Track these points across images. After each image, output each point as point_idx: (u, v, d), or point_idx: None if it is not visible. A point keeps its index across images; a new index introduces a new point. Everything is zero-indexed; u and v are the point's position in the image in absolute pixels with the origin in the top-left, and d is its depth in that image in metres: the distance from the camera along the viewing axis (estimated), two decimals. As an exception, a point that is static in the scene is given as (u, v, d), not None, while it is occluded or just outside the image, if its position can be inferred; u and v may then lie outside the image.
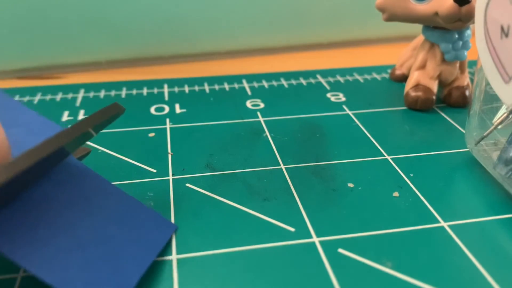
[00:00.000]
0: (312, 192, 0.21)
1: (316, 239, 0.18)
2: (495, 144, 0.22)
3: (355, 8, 0.41)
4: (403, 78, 0.33)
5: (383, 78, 0.34)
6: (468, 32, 0.28)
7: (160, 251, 0.17)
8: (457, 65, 0.28)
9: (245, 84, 0.33)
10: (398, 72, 0.33)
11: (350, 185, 0.21)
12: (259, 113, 0.28)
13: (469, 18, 0.25)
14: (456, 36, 0.27)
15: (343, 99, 0.30)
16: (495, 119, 0.21)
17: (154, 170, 0.22)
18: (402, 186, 0.21)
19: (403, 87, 0.30)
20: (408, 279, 0.16)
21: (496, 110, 0.21)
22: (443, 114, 0.28)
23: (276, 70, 0.36)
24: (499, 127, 0.21)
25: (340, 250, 0.17)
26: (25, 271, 0.16)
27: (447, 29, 0.27)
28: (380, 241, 0.18)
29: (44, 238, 0.14)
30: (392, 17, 0.27)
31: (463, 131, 0.25)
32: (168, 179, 0.22)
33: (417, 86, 0.28)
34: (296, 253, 0.17)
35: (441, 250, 0.17)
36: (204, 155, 0.24)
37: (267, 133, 0.26)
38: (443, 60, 0.28)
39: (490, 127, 0.21)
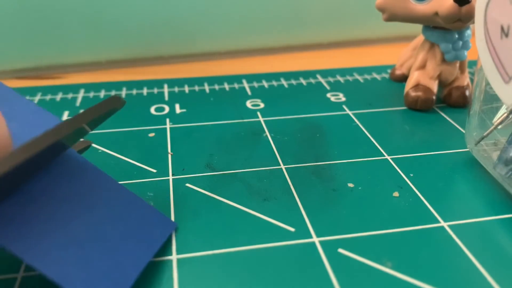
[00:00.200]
0: (312, 192, 0.21)
1: (316, 239, 0.18)
2: (495, 144, 0.22)
3: (355, 8, 0.41)
4: (403, 78, 0.33)
5: (383, 78, 0.34)
6: (468, 32, 0.28)
7: (160, 249, 0.17)
8: (457, 65, 0.28)
9: (245, 84, 0.33)
10: (398, 72, 0.33)
11: (350, 185, 0.21)
12: (259, 113, 0.28)
13: (469, 18, 0.25)
14: (456, 36, 0.27)
15: (343, 99, 0.30)
16: (495, 119, 0.21)
17: (154, 170, 0.22)
18: (402, 186, 0.21)
19: (403, 87, 0.30)
20: (408, 279, 0.16)
21: (496, 110, 0.21)
22: (443, 114, 0.28)
23: (276, 70, 0.36)
24: (499, 127, 0.21)
25: (340, 250, 0.17)
26: (25, 271, 0.16)
27: (447, 29, 0.27)
28: (380, 241, 0.18)
29: (42, 232, 0.14)
30: (392, 17, 0.27)
31: (463, 131, 0.25)
32: (168, 179, 0.22)
33: (417, 86, 0.28)
34: (296, 253, 0.17)
35: (441, 250, 0.17)
36: (204, 155, 0.24)
37: (267, 133, 0.26)
38: (443, 60, 0.28)
39: (490, 127, 0.21)
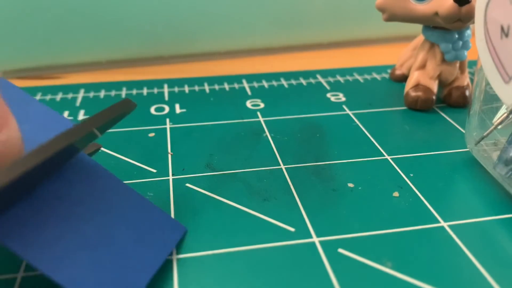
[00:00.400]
0: (312, 192, 0.21)
1: (316, 239, 0.18)
2: (495, 144, 0.22)
3: (355, 8, 0.41)
4: (403, 78, 0.33)
5: (383, 78, 0.34)
6: (468, 32, 0.28)
7: (170, 254, 0.17)
8: (457, 65, 0.28)
9: (245, 84, 0.33)
10: (398, 72, 0.33)
11: (350, 185, 0.21)
12: (259, 113, 0.28)
13: (469, 18, 0.25)
14: (456, 36, 0.27)
15: (343, 99, 0.30)
16: (495, 119, 0.21)
17: (154, 170, 0.22)
18: (402, 186, 0.21)
19: (403, 87, 0.30)
20: (408, 279, 0.16)
21: (496, 110, 0.21)
22: (443, 114, 0.28)
23: (276, 70, 0.36)
24: (499, 127, 0.21)
25: (340, 250, 0.17)
26: (25, 271, 0.16)
27: (447, 29, 0.27)
28: (380, 241, 0.18)
29: (54, 237, 0.14)
30: (392, 17, 0.27)
31: (463, 131, 0.25)
32: (168, 179, 0.22)
33: (417, 86, 0.28)
34: (296, 253, 0.17)
35: (441, 250, 0.17)
36: (204, 155, 0.24)
37: (267, 133, 0.26)
38: (443, 60, 0.28)
39: (490, 127, 0.21)
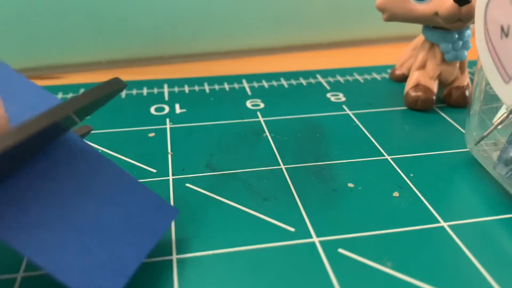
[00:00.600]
0: (312, 192, 0.21)
1: (316, 239, 0.18)
2: (495, 144, 0.22)
3: (355, 8, 0.41)
4: (403, 78, 0.33)
5: (383, 78, 0.34)
6: (468, 32, 0.28)
7: (161, 237, 0.16)
8: (457, 65, 0.28)
9: (245, 84, 0.33)
10: (398, 72, 0.33)
11: (350, 185, 0.21)
12: (259, 113, 0.28)
13: (469, 18, 0.25)
14: (456, 36, 0.27)
15: (343, 99, 0.30)
16: (495, 119, 0.21)
17: (154, 170, 0.22)
18: (402, 186, 0.21)
19: (403, 87, 0.30)
20: (408, 279, 0.16)
21: (496, 110, 0.21)
22: (443, 114, 0.28)
23: (276, 70, 0.36)
24: (499, 127, 0.21)
25: (340, 250, 0.17)
26: (25, 271, 0.16)
27: (447, 29, 0.27)
28: (380, 241, 0.18)
29: (38, 219, 0.14)
30: (392, 17, 0.27)
31: (463, 131, 0.25)
32: (168, 179, 0.22)
33: (417, 86, 0.28)
34: (296, 253, 0.17)
35: (441, 250, 0.17)
36: (204, 155, 0.24)
37: (267, 133, 0.26)
38: (443, 60, 0.28)
39: (490, 127, 0.21)
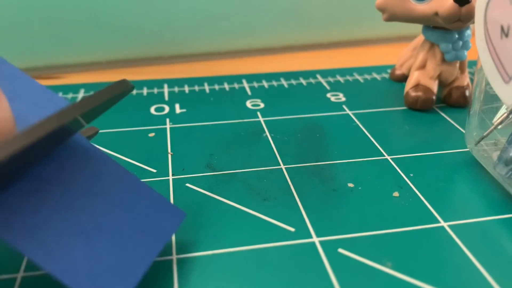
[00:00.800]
0: (312, 192, 0.21)
1: (316, 239, 0.18)
2: (495, 144, 0.22)
3: (355, 8, 0.41)
4: (403, 78, 0.33)
5: (383, 78, 0.34)
6: (468, 32, 0.28)
7: (168, 240, 0.16)
8: (457, 65, 0.28)
9: (245, 84, 0.33)
10: (398, 72, 0.33)
11: (350, 185, 0.21)
12: (259, 113, 0.28)
13: (469, 18, 0.25)
14: (456, 36, 0.27)
15: (343, 99, 0.30)
16: (495, 119, 0.21)
17: (154, 170, 0.22)
18: (402, 186, 0.21)
19: (403, 87, 0.30)
20: (408, 279, 0.16)
21: (496, 110, 0.21)
22: (443, 114, 0.28)
23: (276, 70, 0.36)
24: (499, 127, 0.21)
25: (340, 250, 0.17)
26: (25, 271, 0.16)
27: (447, 29, 0.27)
28: (380, 241, 0.18)
29: (45, 223, 0.13)
30: (392, 17, 0.27)
31: (463, 131, 0.25)
32: (168, 179, 0.22)
33: (417, 86, 0.28)
34: (296, 253, 0.17)
35: (441, 250, 0.17)
36: (204, 155, 0.24)
37: (267, 133, 0.26)
38: (443, 60, 0.28)
39: (490, 127, 0.21)
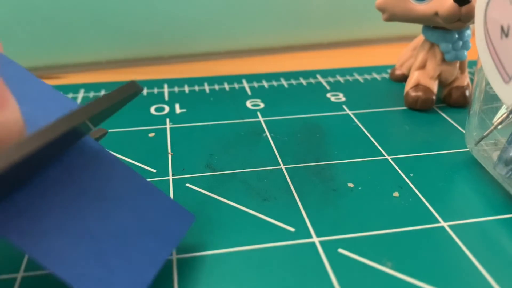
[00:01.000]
0: (312, 192, 0.21)
1: (316, 239, 0.18)
2: (495, 144, 0.22)
3: (355, 8, 0.41)
4: (403, 78, 0.33)
5: (383, 78, 0.34)
6: (468, 32, 0.28)
7: (178, 244, 0.16)
8: (457, 65, 0.28)
9: (245, 84, 0.33)
10: (398, 72, 0.33)
11: (350, 185, 0.21)
12: (259, 113, 0.28)
13: (469, 18, 0.25)
14: (456, 36, 0.27)
15: (343, 99, 0.30)
16: (495, 119, 0.21)
17: (154, 170, 0.22)
18: (402, 186, 0.21)
19: (403, 87, 0.30)
20: (408, 279, 0.16)
21: (496, 110, 0.21)
22: (443, 114, 0.28)
23: (276, 70, 0.36)
24: (499, 127, 0.21)
25: (340, 250, 0.17)
26: (25, 271, 0.16)
27: (447, 29, 0.27)
28: (380, 241, 0.18)
29: (55, 227, 0.13)
30: (392, 17, 0.27)
31: (463, 131, 0.25)
32: (168, 179, 0.22)
33: (417, 86, 0.28)
34: (296, 253, 0.17)
35: (441, 250, 0.17)
36: (204, 155, 0.24)
37: (267, 133, 0.26)
38: (443, 60, 0.28)
39: (490, 127, 0.21)
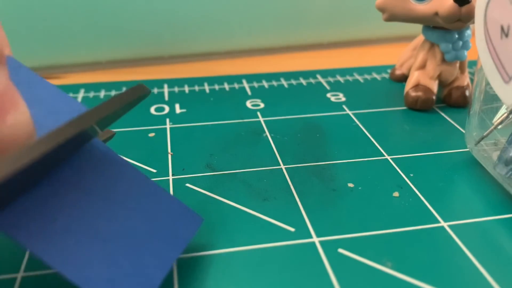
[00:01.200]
0: (312, 192, 0.21)
1: (316, 239, 0.18)
2: (495, 144, 0.22)
3: (355, 8, 0.41)
4: (403, 78, 0.33)
5: (383, 78, 0.34)
6: (468, 32, 0.28)
7: (186, 246, 0.16)
8: (457, 65, 0.28)
9: (245, 84, 0.33)
10: (398, 72, 0.33)
11: (350, 185, 0.21)
12: (259, 113, 0.28)
13: (469, 18, 0.25)
14: (456, 36, 0.27)
15: (343, 99, 0.30)
16: (495, 119, 0.21)
17: (154, 170, 0.22)
18: (402, 186, 0.21)
19: (403, 87, 0.30)
20: (408, 279, 0.16)
21: (496, 110, 0.21)
22: (443, 114, 0.28)
23: (276, 70, 0.36)
24: (499, 127, 0.21)
25: (340, 250, 0.17)
26: (25, 271, 0.16)
27: (447, 29, 0.27)
28: (380, 241, 0.18)
29: (63, 229, 0.13)
30: (392, 17, 0.27)
31: (463, 131, 0.25)
32: (168, 179, 0.22)
33: (417, 86, 0.28)
34: (296, 253, 0.17)
35: (441, 250, 0.17)
36: (204, 155, 0.24)
37: (267, 133, 0.26)
38: (443, 60, 0.28)
39: (490, 127, 0.21)
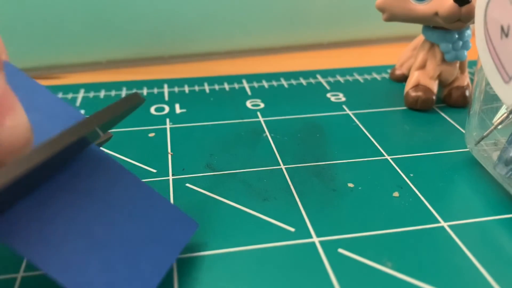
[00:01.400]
0: (312, 192, 0.21)
1: (316, 239, 0.18)
2: (495, 144, 0.22)
3: (355, 8, 0.41)
4: (403, 78, 0.33)
5: (383, 78, 0.34)
6: (468, 32, 0.28)
7: (181, 251, 0.16)
8: (457, 65, 0.29)
9: (245, 84, 0.33)
10: (398, 72, 0.33)
11: (350, 185, 0.21)
12: (259, 113, 0.28)
13: (469, 18, 0.25)
14: (456, 36, 0.27)
15: (343, 99, 0.30)
16: (495, 119, 0.21)
17: (154, 170, 0.22)
18: (402, 186, 0.21)
19: (403, 87, 0.30)
20: (408, 279, 0.16)
21: (496, 110, 0.21)
22: (443, 114, 0.28)
23: (276, 70, 0.36)
24: (499, 127, 0.21)
25: (340, 250, 0.17)
26: (25, 271, 0.16)
27: (447, 29, 0.27)
28: (380, 241, 0.18)
29: (59, 235, 0.13)
30: (392, 17, 0.27)
31: (463, 131, 0.25)
32: (168, 179, 0.22)
33: (417, 86, 0.28)
34: (296, 253, 0.17)
35: (441, 250, 0.17)
36: (204, 155, 0.24)
37: (267, 133, 0.26)
38: (443, 60, 0.28)
39: (490, 127, 0.21)
